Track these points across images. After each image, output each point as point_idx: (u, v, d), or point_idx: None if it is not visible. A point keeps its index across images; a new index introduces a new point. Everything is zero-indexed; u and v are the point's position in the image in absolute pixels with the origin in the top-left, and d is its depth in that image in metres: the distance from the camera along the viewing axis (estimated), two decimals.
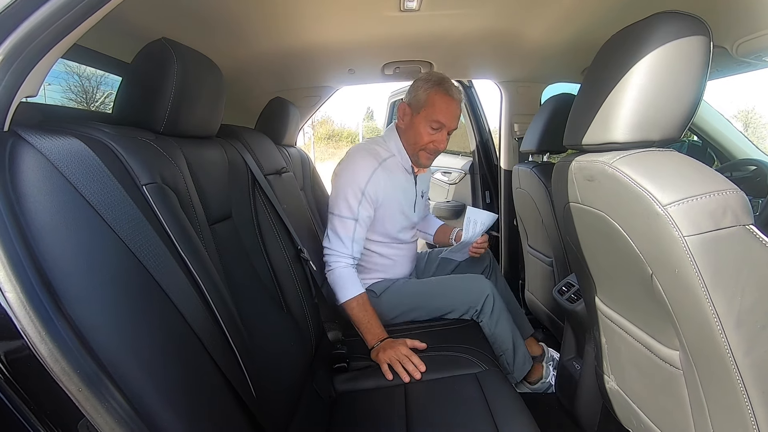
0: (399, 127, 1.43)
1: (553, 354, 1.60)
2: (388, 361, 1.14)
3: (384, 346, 1.19)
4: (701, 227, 0.60)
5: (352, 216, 1.33)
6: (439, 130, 1.34)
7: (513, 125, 2.10)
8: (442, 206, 2.57)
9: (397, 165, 1.43)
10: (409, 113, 1.37)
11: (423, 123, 1.34)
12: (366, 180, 1.33)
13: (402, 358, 1.13)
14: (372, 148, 1.41)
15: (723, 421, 0.68)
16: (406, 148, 1.42)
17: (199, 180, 0.84)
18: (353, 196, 1.33)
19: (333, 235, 1.35)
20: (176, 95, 0.77)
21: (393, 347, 1.17)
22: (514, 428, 0.86)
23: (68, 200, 0.50)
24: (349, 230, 1.33)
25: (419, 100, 1.34)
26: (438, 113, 1.32)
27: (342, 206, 1.34)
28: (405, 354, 1.14)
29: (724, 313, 0.60)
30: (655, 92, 0.70)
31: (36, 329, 0.42)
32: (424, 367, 1.11)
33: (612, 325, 0.94)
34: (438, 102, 1.32)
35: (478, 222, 1.51)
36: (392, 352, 1.15)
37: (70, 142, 0.55)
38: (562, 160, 0.93)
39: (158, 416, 0.46)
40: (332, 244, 1.34)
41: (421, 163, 1.43)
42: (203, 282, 0.63)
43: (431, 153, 1.40)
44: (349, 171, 1.36)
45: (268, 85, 1.86)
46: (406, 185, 1.46)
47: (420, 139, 1.36)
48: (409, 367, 1.11)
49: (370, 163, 1.36)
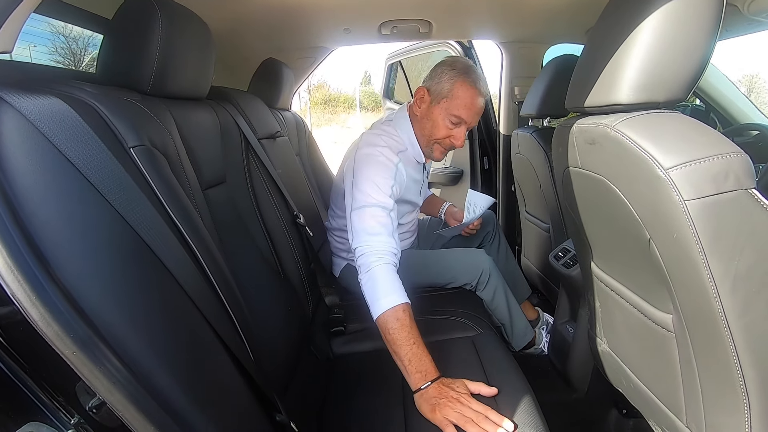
0: (413, 114, 1.27)
1: (547, 318, 1.63)
2: (455, 421, 0.78)
3: (440, 394, 0.83)
4: (702, 191, 0.59)
5: (388, 206, 1.11)
6: (458, 126, 1.20)
7: (513, 89, 2.05)
8: (440, 172, 2.55)
9: (409, 158, 1.29)
10: (428, 101, 1.22)
11: (442, 115, 1.20)
12: (395, 169, 1.18)
13: (476, 416, 0.78)
14: (387, 141, 1.23)
15: (712, 381, 0.69)
16: (419, 138, 1.27)
17: (190, 143, 0.82)
18: (386, 181, 1.13)
19: (368, 229, 1.06)
20: (162, 53, 0.74)
21: (455, 398, 0.82)
22: (508, 388, 0.88)
23: (52, 162, 0.48)
24: (387, 220, 1.08)
25: (442, 89, 1.19)
26: (461, 107, 1.18)
27: (374, 193, 1.11)
28: (478, 410, 0.79)
29: (720, 278, 0.60)
30: (663, 51, 0.67)
31: (26, 294, 0.41)
32: (511, 425, 0.77)
33: (606, 289, 0.95)
34: (462, 94, 1.17)
35: (478, 205, 1.50)
36: (459, 407, 0.80)
37: (51, 101, 0.52)
38: (563, 123, 0.90)
39: (155, 379, 0.46)
40: (369, 239, 1.04)
41: (433, 156, 1.29)
42: (197, 247, 0.62)
43: (446, 148, 1.27)
44: (371, 159, 1.17)
45: (260, 45, 1.79)
46: (417, 177, 1.36)
47: (437, 132, 1.22)
48: (488, 427, 0.76)
49: (391, 156, 1.19)
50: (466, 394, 0.83)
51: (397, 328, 0.91)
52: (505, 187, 2.19)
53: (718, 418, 0.70)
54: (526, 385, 0.90)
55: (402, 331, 0.91)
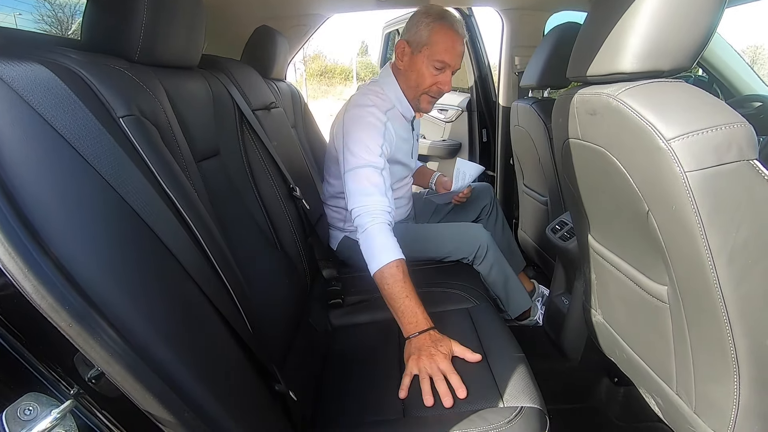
0: (397, 69, 1.28)
1: (543, 290, 1.65)
2: (428, 371, 0.85)
3: (424, 344, 0.90)
4: (703, 162, 0.58)
5: (380, 164, 1.15)
6: (442, 71, 1.21)
7: (514, 58, 2.00)
8: (438, 145, 2.52)
9: (397, 116, 1.30)
10: (409, 52, 1.23)
11: (425, 63, 1.21)
12: (383, 128, 1.20)
13: (446, 372, 0.85)
14: (373, 101, 1.25)
15: (703, 351, 0.71)
16: (406, 92, 1.28)
17: (182, 114, 0.79)
18: (375, 141, 1.16)
19: (363, 190, 1.10)
20: (149, 17, 0.70)
21: (433, 354, 0.88)
22: (503, 358, 0.90)
23: (38, 132, 0.47)
24: (379, 180, 1.12)
25: (420, 38, 1.19)
26: (442, 52, 1.19)
27: (365, 154, 1.14)
28: (443, 370, 0.85)
29: (717, 250, 0.60)
30: (669, 17, 0.65)
31: (17, 266, 0.40)
32: (464, 391, 0.82)
33: (603, 261, 0.95)
34: (442, 39, 1.18)
35: (467, 174, 1.49)
36: (429, 362, 0.86)
37: (34, 68, 0.50)
38: (564, 94, 0.88)
39: (152, 349, 0.46)
40: (365, 200, 1.09)
41: (422, 108, 1.31)
42: (191, 219, 0.61)
43: (434, 96, 1.27)
44: (359, 119, 1.20)
45: (252, 12, 1.73)
46: (406, 135, 1.36)
47: (422, 81, 1.23)
48: (441, 388, 0.83)
49: (379, 116, 1.22)
50: (444, 354, 0.88)
51: (392, 283, 0.99)
52: (504, 160, 2.17)
53: (708, 385, 0.72)
54: (521, 355, 0.92)
55: (396, 286, 0.98)
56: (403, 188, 1.50)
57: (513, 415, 0.76)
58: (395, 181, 1.38)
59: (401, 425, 0.78)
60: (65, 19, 1.99)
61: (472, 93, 2.30)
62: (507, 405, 0.78)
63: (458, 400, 0.80)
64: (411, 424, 0.78)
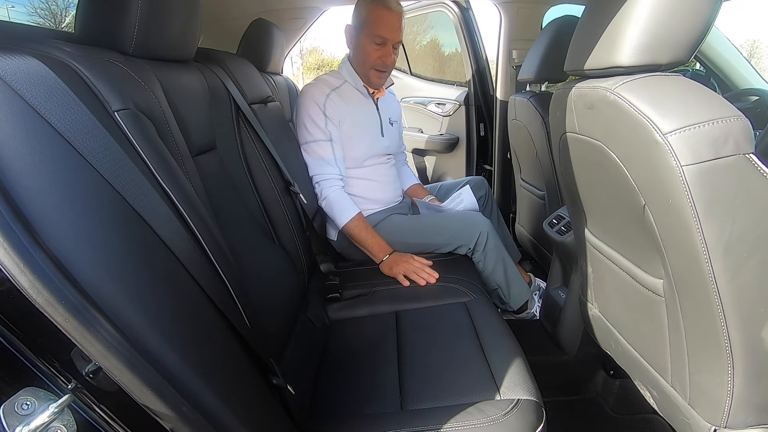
0: (350, 55, 1.46)
1: (539, 283, 1.66)
2: (403, 273, 1.26)
3: (395, 260, 1.30)
4: (700, 156, 0.58)
5: (325, 137, 1.37)
6: (383, 45, 1.37)
7: (511, 52, 1.99)
8: (435, 139, 2.52)
9: (350, 90, 1.46)
10: (354, 34, 1.40)
11: (367, 40, 1.37)
12: (323, 102, 1.37)
13: (417, 270, 1.25)
14: (322, 79, 1.45)
15: (698, 343, 0.71)
16: (358, 70, 1.44)
17: (178, 107, 0.79)
18: (318, 117, 1.36)
19: (316, 162, 1.38)
20: (144, 10, 0.70)
21: (405, 261, 1.28)
22: (500, 351, 0.91)
23: (32, 126, 0.46)
24: (328, 151, 1.37)
25: (361, 19, 1.37)
26: (379, 27, 1.34)
27: (312, 130, 1.37)
28: (418, 266, 1.26)
29: (713, 243, 0.61)
30: (667, 10, 0.65)
31: (13, 261, 0.40)
32: (437, 274, 1.24)
33: (599, 255, 0.96)
34: (377, 16, 1.34)
35: (463, 201, 1.54)
36: (406, 265, 1.27)
37: (28, 62, 0.50)
38: (562, 88, 0.88)
39: (150, 344, 0.46)
40: (319, 170, 1.37)
41: (373, 83, 1.45)
42: (188, 214, 0.61)
43: (381, 69, 1.42)
44: (306, 98, 1.39)
45: (248, 4, 1.72)
46: (366, 108, 1.49)
47: (368, 57, 1.39)
48: (423, 275, 1.24)
49: (322, 89, 1.39)
50: (412, 257, 1.30)
51: (358, 232, 1.35)
52: (501, 154, 2.17)
53: (702, 377, 0.73)
54: (517, 348, 0.93)
55: (362, 231, 1.35)
56: (386, 173, 1.53)
57: (510, 408, 0.76)
58: (368, 160, 1.47)
59: (399, 418, 0.79)
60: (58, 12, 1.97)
61: (469, 87, 2.29)
62: (504, 398, 0.79)
63: (455, 392, 0.81)
64: (408, 417, 0.79)
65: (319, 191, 1.37)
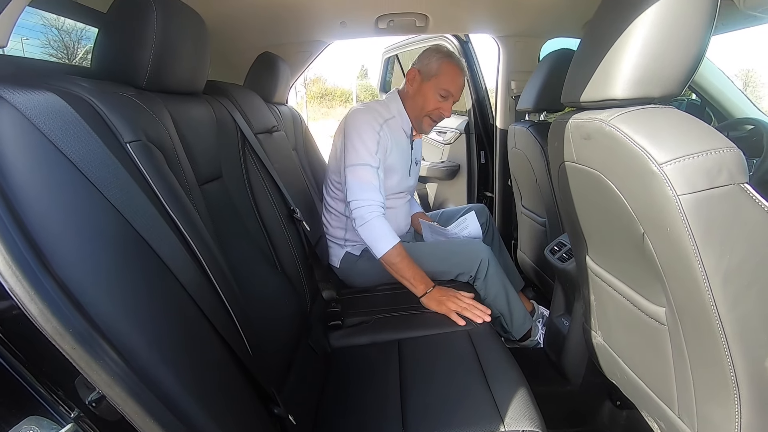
0: (405, 93, 1.47)
1: (542, 311, 1.65)
2: (456, 310, 1.19)
3: (443, 295, 1.24)
4: (695, 186, 0.60)
5: (375, 163, 1.33)
6: (446, 99, 1.41)
7: (510, 83, 2.05)
8: (437, 167, 2.55)
9: (397, 126, 1.47)
10: (419, 79, 1.42)
11: (432, 90, 1.39)
12: (379, 129, 1.36)
13: (468, 307, 1.20)
14: (374, 108, 1.43)
15: (703, 373, 0.71)
16: (410, 113, 1.46)
17: (186, 138, 0.81)
18: (372, 142, 1.34)
19: (360, 186, 1.31)
20: (157, 47, 0.73)
21: (455, 297, 1.23)
22: (504, 381, 0.90)
23: (48, 158, 0.48)
24: (374, 178, 1.32)
25: (431, 69, 1.39)
26: (448, 83, 1.38)
27: (363, 153, 1.32)
28: (471, 303, 1.21)
29: (712, 271, 0.61)
30: (658, 45, 0.67)
31: (24, 289, 0.41)
32: (489, 310, 1.20)
33: (601, 282, 0.96)
34: (449, 72, 1.38)
35: (468, 227, 1.57)
36: (458, 301, 1.21)
37: (47, 96, 0.52)
38: (559, 118, 0.91)
39: (154, 372, 0.46)
40: (362, 195, 1.30)
41: (423, 129, 1.48)
42: (194, 241, 0.62)
43: (435, 119, 1.45)
44: (360, 121, 1.37)
45: (255, 39, 1.78)
46: (404, 147, 1.50)
47: (428, 105, 1.41)
48: (478, 312, 1.19)
49: (377, 118, 1.39)
50: (457, 293, 1.24)
51: (399, 261, 1.28)
52: (502, 182, 2.19)
53: (709, 408, 0.72)
54: (521, 377, 0.91)
55: (404, 262, 1.28)
56: (402, 206, 1.54)
57: None
58: (393, 194, 1.48)
59: None
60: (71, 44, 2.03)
61: (470, 116, 2.35)
62: (508, 429, 0.77)
63: (457, 423, 0.80)
64: None
65: (360, 215, 1.29)
